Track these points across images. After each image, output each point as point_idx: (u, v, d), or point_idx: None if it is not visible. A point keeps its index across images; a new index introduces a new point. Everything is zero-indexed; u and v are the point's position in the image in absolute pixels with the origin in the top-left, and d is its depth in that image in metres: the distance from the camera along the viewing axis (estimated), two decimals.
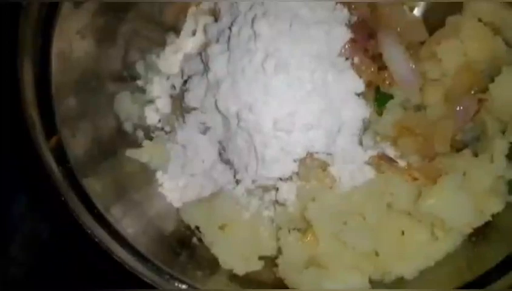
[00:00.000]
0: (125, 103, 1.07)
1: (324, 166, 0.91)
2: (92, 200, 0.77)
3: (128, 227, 0.84)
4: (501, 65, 0.93)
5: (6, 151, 1.14)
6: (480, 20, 0.99)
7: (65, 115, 0.83)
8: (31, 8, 0.82)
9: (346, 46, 0.87)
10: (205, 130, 1.01)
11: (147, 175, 1.03)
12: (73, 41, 0.89)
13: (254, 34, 0.84)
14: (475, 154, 0.93)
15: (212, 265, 0.92)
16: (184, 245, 0.95)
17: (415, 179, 0.91)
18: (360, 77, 0.88)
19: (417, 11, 1.06)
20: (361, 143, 0.93)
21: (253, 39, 0.84)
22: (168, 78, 1.09)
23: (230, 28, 0.90)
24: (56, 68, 0.83)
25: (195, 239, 0.98)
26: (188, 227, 0.99)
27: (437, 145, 0.94)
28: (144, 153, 1.03)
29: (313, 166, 0.90)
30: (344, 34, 0.87)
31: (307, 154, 0.90)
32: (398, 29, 0.93)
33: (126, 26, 1.04)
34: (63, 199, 0.74)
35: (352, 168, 0.90)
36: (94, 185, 0.82)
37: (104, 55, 0.99)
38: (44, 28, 0.83)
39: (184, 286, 0.76)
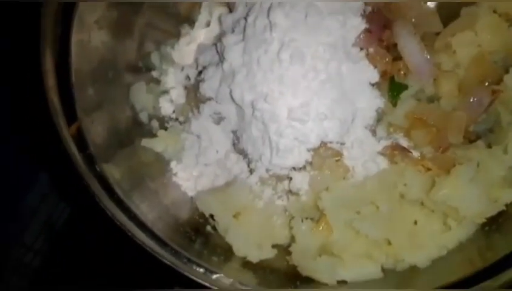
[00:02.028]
0: (140, 93, 1.08)
1: (337, 156, 0.92)
2: (112, 186, 0.79)
3: (145, 213, 0.85)
4: None
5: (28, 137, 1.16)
6: (495, 11, 0.99)
7: (84, 103, 0.85)
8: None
9: (361, 36, 0.88)
10: (219, 120, 1.02)
11: (161, 164, 1.05)
12: (91, 31, 0.91)
13: (270, 24, 0.85)
14: (489, 146, 0.93)
15: (226, 252, 0.93)
16: (199, 233, 0.97)
17: (428, 169, 0.92)
18: (375, 67, 0.89)
19: (431, 3, 1.06)
20: (374, 133, 0.94)
21: (269, 28, 0.84)
22: (182, 69, 1.11)
23: (245, 18, 0.91)
24: (75, 57, 0.85)
25: (209, 227, 1.00)
26: (202, 215, 1.01)
27: (450, 136, 0.95)
28: (158, 143, 1.05)
29: (326, 155, 0.91)
30: (359, 25, 0.88)
31: (321, 144, 0.91)
32: (413, 20, 0.93)
33: (141, 18, 1.06)
34: (85, 183, 0.76)
35: (365, 158, 0.91)
36: (112, 172, 0.83)
37: (119, 46, 1.01)
38: (64, 18, 0.85)
39: (201, 269, 0.77)
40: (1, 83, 1.15)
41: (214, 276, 0.78)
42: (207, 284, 0.75)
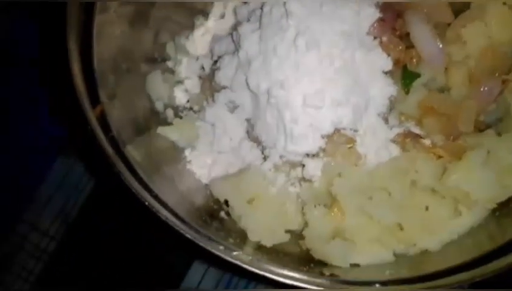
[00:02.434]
0: (155, 83, 1.11)
1: (350, 142, 0.94)
2: (134, 167, 0.82)
3: (166, 197, 0.88)
4: None
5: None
6: (504, 3, 1.01)
7: (106, 89, 0.88)
8: None
9: (375, 25, 0.90)
10: (233, 109, 1.04)
11: (176, 152, 1.08)
12: (111, 22, 0.94)
13: (286, 13, 0.87)
14: (499, 134, 0.95)
15: (241, 237, 0.95)
16: (213, 218, 0.99)
17: (440, 157, 0.94)
18: (388, 55, 0.91)
19: None
20: (387, 121, 0.96)
21: (285, 17, 0.87)
22: (197, 59, 1.13)
23: (261, 8, 0.93)
24: (97, 44, 0.88)
25: (223, 213, 1.02)
26: (216, 201, 1.03)
27: (460, 125, 0.97)
28: (173, 131, 1.07)
29: (340, 142, 0.93)
30: (373, 14, 0.90)
31: (334, 131, 0.93)
32: (425, 10, 0.95)
33: (157, 10, 1.09)
34: (110, 163, 0.78)
35: (377, 145, 0.93)
36: (133, 155, 0.86)
37: (136, 36, 1.04)
38: (87, 8, 0.88)
39: (221, 247, 0.80)
40: (29, 68, 1.18)
41: (234, 253, 0.80)
42: (228, 258, 0.78)
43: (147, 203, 0.77)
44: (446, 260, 0.84)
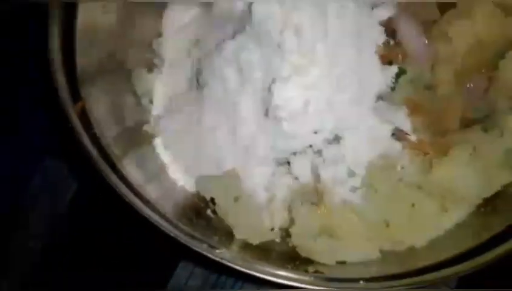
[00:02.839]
0: (141, 79, 1.10)
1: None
2: (115, 163, 0.80)
3: (149, 195, 0.87)
4: None
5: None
6: (492, 1, 1.01)
7: (89, 86, 0.87)
8: None
9: None
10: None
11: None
12: (96, 15, 0.92)
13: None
14: (485, 130, 0.95)
15: (227, 235, 0.94)
16: (200, 216, 0.98)
17: (426, 153, 0.94)
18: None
19: None
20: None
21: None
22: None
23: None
24: (80, 39, 0.86)
25: (209, 211, 1.01)
26: (202, 199, 1.02)
27: (446, 122, 0.97)
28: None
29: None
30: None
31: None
32: (412, 7, 0.95)
33: (145, 5, 1.08)
34: (91, 161, 0.77)
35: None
36: (115, 152, 0.84)
37: (123, 31, 1.02)
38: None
39: (204, 245, 0.79)
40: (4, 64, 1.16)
41: (217, 251, 0.79)
42: (212, 256, 0.77)
43: (127, 200, 0.76)
44: (431, 256, 0.84)
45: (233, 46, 0.92)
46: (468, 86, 0.98)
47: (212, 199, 1.00)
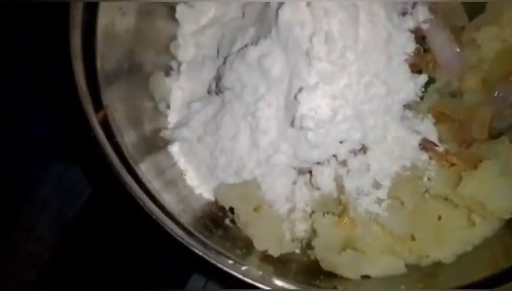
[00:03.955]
0: (159, 84, 1.07)
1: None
2: (138, 174, 0.78)
3: (168, 203, 0.84)
4: None
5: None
6: None
7: (109, 91, 0.84)
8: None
9: None
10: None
11: None
12: (115, 17, 0.90)
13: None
14: None
15: (246, 246, 0.92)
16: (218, 226, 0.96)
17: (453, 164, 0.91)
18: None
19: None
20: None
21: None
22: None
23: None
24: (101, 43, 0.84)
25: (227, 221, 0.99)
26: (221, 208, 0.99)
27: (474, 131, 0.94)
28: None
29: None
30: None
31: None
32: (441, 13, 0.92)
33: (163, 6, 1.05)
34: (114, 172, 0.74)
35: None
36: (136, 162, 0.82)
37: (141, 34, 1.00)
38: (91, 7, 0.84)
39: (230, 261, 0.76)
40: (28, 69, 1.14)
41: (243, 268, 0.77)
42: (237, 274, 0.74)
43: (154, 216, 0.74)
44: (461, 274, 0.82)
45: (257, 52, 0.89)
46: (495, 95, 0.95)
47: (231, 209, 0.98)
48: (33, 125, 1.22)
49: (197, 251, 0.74)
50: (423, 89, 0.90)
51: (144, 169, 0.87)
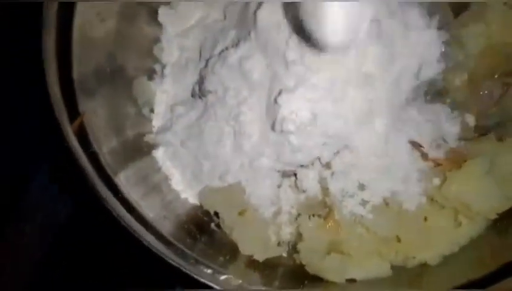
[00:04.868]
0: (142, 88, 1.06)
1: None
2: (116, 183, 0.77)
3: (149, 211, 0.83)
4: None
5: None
6: (505, 3, 0.97)
7: (87, 99, 0.83)
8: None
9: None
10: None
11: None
12: (93, 24, 0.88)
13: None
14: (500, 139, 0.91)
15: (231, 251, 0.91)
16: (203, 231, 0.95)
17: (439, 164, 0.90)
18: None
19: None
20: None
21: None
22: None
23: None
24: (77, 51, 0.82)
25: (213, 225, 0.98)
26: (206, 213, 0.98)
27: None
28: None
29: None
30: None
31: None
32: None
33: (144, 10, 1.04)
34: (89, 183, 0.73)
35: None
36: (115, 169, 0.81)
37: (122, 39, 0.98)
38: (66, 10, 0.83)
39: (209, 270, 0.75)
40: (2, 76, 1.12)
41: (222, 277, 0.76)
42: (214, 286, 0.73)
43: (131, 230, 0.72)
44: (447, 276, 0.81)
45: (237, 55, 0.88)
46: (481, 92, 0.94)
47: (216, 213, 0.97)
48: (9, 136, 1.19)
49: (172, 262, 0.73)
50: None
51: (126, 177, 0.86)
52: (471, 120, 0.93)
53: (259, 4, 0.83)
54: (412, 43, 0.82)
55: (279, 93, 0.83)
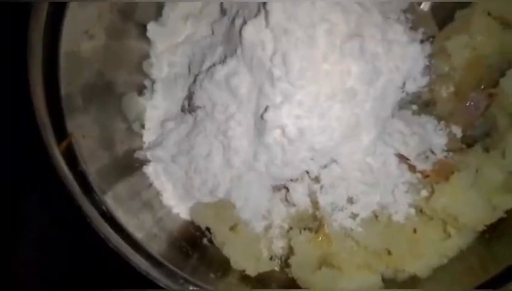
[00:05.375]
0: (132, 104, 1.06)
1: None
2: (104, 203, 0.77)
3: (139, 229, 0.84)
4: (511, 60, 0.93)
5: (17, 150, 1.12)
6: (489, 14, 0.98)
7: (75, 117, 0.83)
8: (40, 9, 0.81)
9: None
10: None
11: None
12: (80, 41, 0.89)
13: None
14: (486, 150, 0.92)
15: (224, 266, 0.91)
16: (195, 247, 0.95)
17: (427, 176, 0.91)
18: None
19: (425, 6, 1.05)
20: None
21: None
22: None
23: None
24: (64, 69, 0.83)
25: (205, 240, 0.98)
26: (198, 228, 0.99)
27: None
28: None
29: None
30: None
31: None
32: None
33: (133, 26, 1.04)
34: (76, 204, 0.73)
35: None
36: (103, 187, 0.81)
37: (111, 55, 0.99)
38: (52, 28, 0.83)
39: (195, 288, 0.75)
40: None
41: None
42: None
43: (117, 250, 0.73)
44: (437, 288, 0.81)
45: (225, 71, 0.89)
46: (467, 104, 0.96)
47: (208, 228, 0.97)
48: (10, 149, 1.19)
49: (161, 283, 0.73)
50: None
51: (116, 195, 0.86)
52: (457, 131, 0.94)
53: (245, 22, 0.83)
54: (395, 59, 0.83)
55: (266, 109, 0.84)
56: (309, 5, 0.76)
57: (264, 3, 0.79)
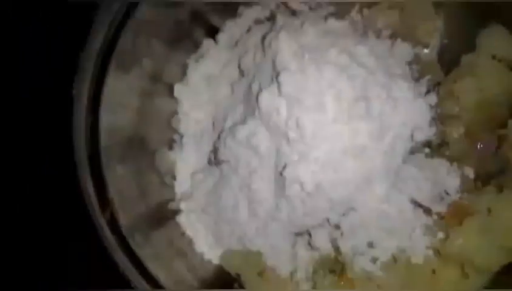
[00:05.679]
0: (164, 158, 1.16)
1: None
2: (143, 262, 0.86)
3: (173, 280, 0.91)
4: None
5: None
6: (494, 56, 1.02)
7: (116, 184, 0.93)
8: (81, 89, 0.93)
9: None
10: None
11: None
12: (117, 114, 1.00)
13: None
14: (500, 188, 0.95)
15: None
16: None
17: (442, 217, 0.95)
18: None
19: (431, 51, 1.10)
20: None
21: None
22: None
23: None
24: (104, 141, 0.93)
25: (236, 285, 1.05)
26: (228, 273, 1.06)
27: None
28: None
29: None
30: None
31: None
32: None
33: (162, 87, 1.15)
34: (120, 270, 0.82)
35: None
36: (140, 241, 0.90)
37: (145, 120, 1.09)
38: (93, 105, 0.94)
39: None
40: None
41: None
42: None
43: None
44: None
45: (245, 131, 0.97)
46: (478, 146, 0.99)
47: (238, 273, 1.04)
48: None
49: None
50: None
51: (150, 245, 0.94)
52: (470, 172, 0.98)
53: (260, 89, 0.92)
54: (401, 114, 0.89)
55: (285, 166, 0.91)
56: (317, 74, 0.84)
57: (277, 75, 0.88)
